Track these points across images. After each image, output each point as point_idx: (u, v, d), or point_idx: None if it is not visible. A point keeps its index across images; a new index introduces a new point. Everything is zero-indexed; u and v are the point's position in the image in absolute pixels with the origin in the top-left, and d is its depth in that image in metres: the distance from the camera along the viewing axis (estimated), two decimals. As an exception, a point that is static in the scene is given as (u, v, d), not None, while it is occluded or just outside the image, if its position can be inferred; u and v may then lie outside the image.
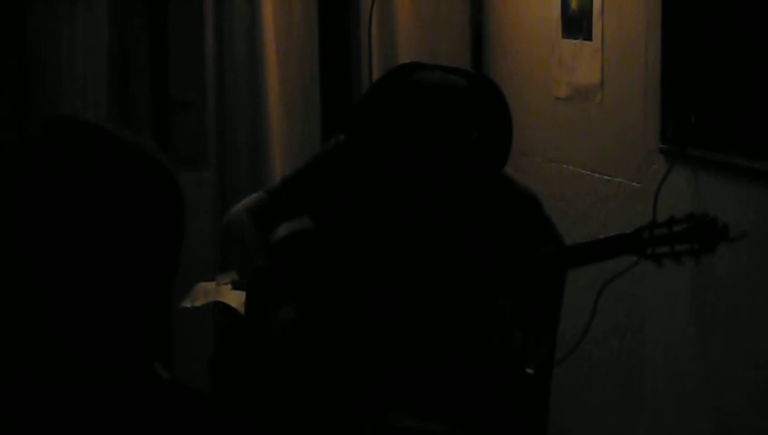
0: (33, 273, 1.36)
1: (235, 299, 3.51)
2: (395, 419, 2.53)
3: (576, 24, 3.71)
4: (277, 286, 2.60)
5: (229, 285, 3.74)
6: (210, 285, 3.82)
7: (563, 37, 3.78)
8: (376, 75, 4.17)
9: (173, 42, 4.23)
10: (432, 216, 2.59)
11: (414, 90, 2.50)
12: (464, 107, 2.50)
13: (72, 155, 1.38)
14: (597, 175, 3.69)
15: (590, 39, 3.65)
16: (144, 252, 1.40)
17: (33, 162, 1.37)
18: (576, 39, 3.72)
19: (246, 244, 2.68)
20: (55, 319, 1.38)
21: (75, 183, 1.36)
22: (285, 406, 2.58)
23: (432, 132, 2.48)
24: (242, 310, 2.84)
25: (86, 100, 4.01)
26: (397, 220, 2.60)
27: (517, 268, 2.51)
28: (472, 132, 2.50)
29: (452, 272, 2.54)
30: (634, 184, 3.47)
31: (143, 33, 4.19)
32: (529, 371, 2.65)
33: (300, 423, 2.57)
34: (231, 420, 1.44)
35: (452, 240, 2.59)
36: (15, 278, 1.37)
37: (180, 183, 1.44)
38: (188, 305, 3.75)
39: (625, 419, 3.60)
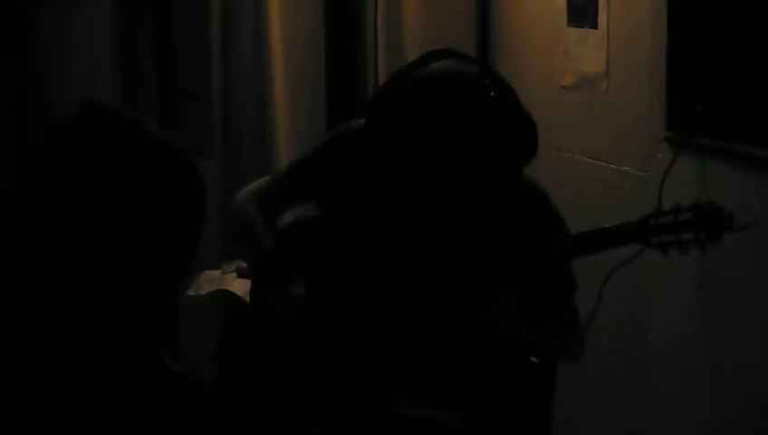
0: (53, 257, 1.36)
1: (241, 287, 3.51)
2: (394, 407, 2.53)
3: (582, 13, 3.71)
4: (283, 268, 2.60)
5: (234, 274, 3.74)
6: (215, 274, 3.81)
7: (569, 26, 3.78)
8: (382, 64, 4.16)
9: (178, 31, 4.23)
10: (442, 208, 2.58)
11: (429, 79, 2.50)
12: (474, 96, 2.49)
13: (99, 141, 1.38)
14: (602, 163, 3.68)
15: (596, 27, 3.64)
16: (163, 241, 1.40)
17: (62, 146, 1.38)
18: (582, 27, 3.71)
19: (253, 226, 2.68)
20: (71, 306, 1.38)
21: (100, 169, 1.36)
22: (288, 394, 2.58)
23: (441, 123, 2.47)
24: (247, 298, 2.84)
25: (91, 90, 4.00)
26: (404, 211, 2.60)
27: (525, 265, 2.51)
28: (479, 126, 2.49)
29: (457, 266, 2.54)
30: (640, 172, 3.47)
31: (149, 23, 4.19)
32: (534, 359, 2.65)
33: (302, 413, 2.57)
34: (236, 413, 1.44)
35: (458, 233, 2.58)
36: (35, 263, 1.37)
37: (201, 175, 1.44)
38: (193, 294, 3.75)
39: (630, 408, 3.60)
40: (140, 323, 1.42)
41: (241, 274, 3.66)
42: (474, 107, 2.48)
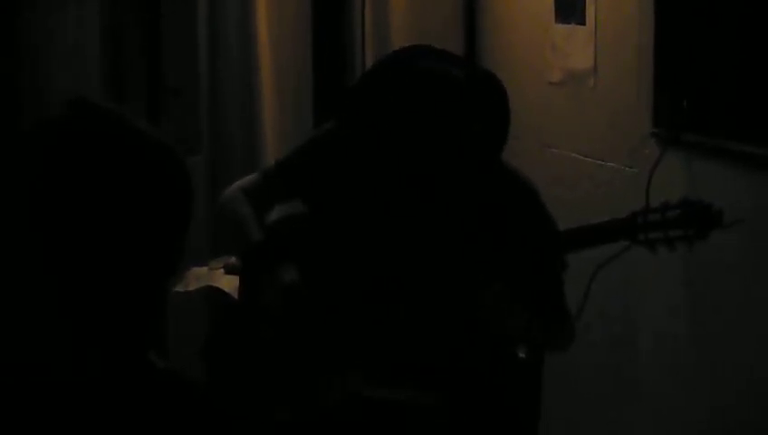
0: (40, 256, 1.36)
1: (228, 283, 3.51)
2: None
3: (569, 9, 3.71)
4: (271, 258, 2.60)
5: (222, 270, 3.75)
6: (203, 270, 3.82)
7: (557, 22, 3.78)
8: (369, 59, 4.16)
9: (166, 28, 4.22)
10: (427, 203, 2.59)
11: (407, 78, 2.50)
12: (455, 96, 2.50)
13: (87, 138, 1.38)
14: (590, 160, 3.69)
15: (584, 23, 3.64)
16: (152, 239, 1.40)
17: (50, 143, 1.37)
18: (569, 23, 3.71)
19: (242, 221, 2.68)
20: (59, 304, 1.37)
21: (89, 166, 1.36)
22: (276, 391, 2.58)
23: (424, 121, 2.48)
24: (235, 294, 2.84)
25: (79, 87, 3.99)
26: (392, 204, 2.61)
27: (512, 254, 2.52)
28: (464, 121, 2.50)
29: (447, 256, 2.54)
30: (627, 169, 3.47)
31: (137, 21, 4.18)
32: (521, 355, 2.66)
33: (290, 409, 2.57)
34: (223, 410, 1.44)
35: (448, 225, 2.59)
36: (27, 263, 1.36)
37: (189, 172, 1.44)
38: (181, 290, 3.75)
39: (618, 406, 3.61)
40: (128, 320, 1.42)
41: (228, 270, 3.67)
42: (452, 108, 2.49)
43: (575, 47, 3.70)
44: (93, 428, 1.37)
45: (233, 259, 3.64)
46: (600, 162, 3.64)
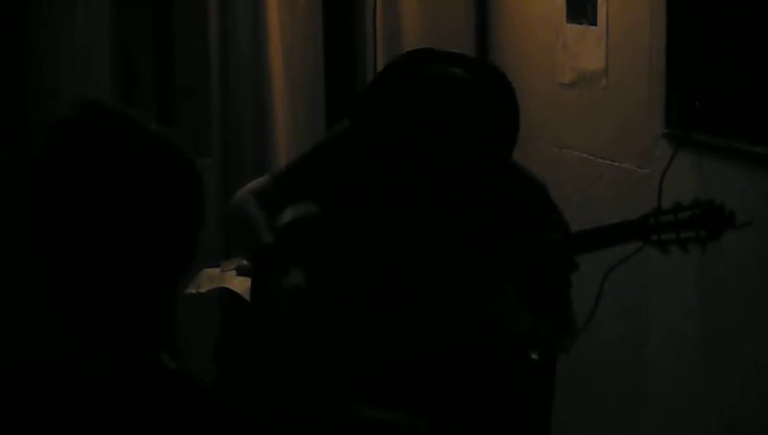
0: (51, 255, 1.36)
1: (240, 285, 3.51)
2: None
3: (581, 9, 3.70)
4: (283, 261, 2.60)
5: (234, 272, 3.75)
6: (215, 272, 3.83)
7: (568, 22, 3.77)
8: (381, 60, 4.16)
9: (177, 28, 4.22)
10: (438, 202, 2.59)
11: (414, 82, 2.51)
12: (465, 99, 2.51)
13: (98, 139, 1.38)
14: (601, 160, 3.68)
15: (595, 24, 3.64)
16: (162, 238, 1.40)
17: (61, 145, 1.38)
18: (581, 24, 3.71)
19: (252, 223, 2.69)
20: (69, 303, 1.38)
21: (99, 167, 1.37)
22: (288, 392, 2.59)
23: (432, 125, 2.49)
24: (247, 296, 2.85)
25: (89, 88, 4.00)
26: (402, 206, 2.61)
27: (521, 255, 2.52)
28: (472, 122, 2.51)
29: (456, 257, 2.55)
30: (639, 169, 3.47)
31: (147, 20, 4.19)
32: (533, 356, 2.65)
33: (300, 410, 2.57)
34: (235, 411, 1.44)
35: (457, 226, 2.59)
36: (34, 261, 1.37)
37: (200, 173, 1.44)
38: (193, 291, 3.76)
39: (628, 404, 3.60)
40: (139, 321, 1.43)
41: (241, 272, 3.67)
42: (459, 110, 2.50)
43: (586, 48, 3.69)
44: (104, 428, 1.38)
45: (245, 261, 3.64)
46: (611, 163, 3.63)
